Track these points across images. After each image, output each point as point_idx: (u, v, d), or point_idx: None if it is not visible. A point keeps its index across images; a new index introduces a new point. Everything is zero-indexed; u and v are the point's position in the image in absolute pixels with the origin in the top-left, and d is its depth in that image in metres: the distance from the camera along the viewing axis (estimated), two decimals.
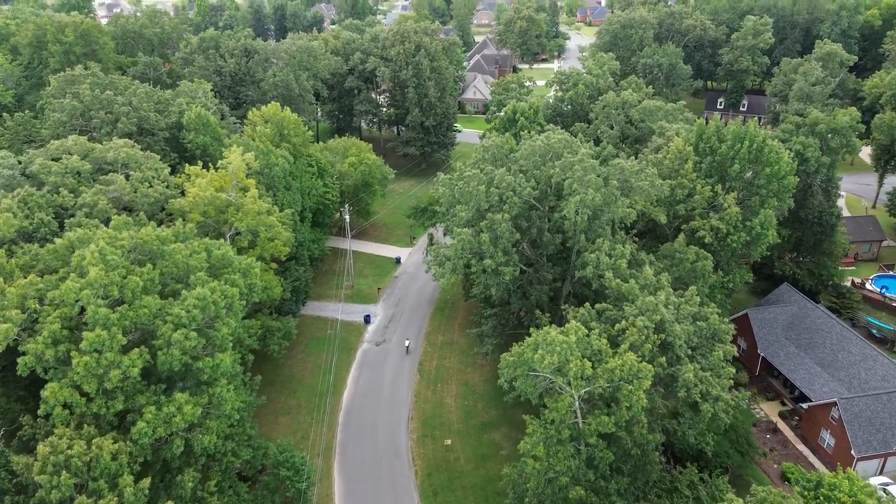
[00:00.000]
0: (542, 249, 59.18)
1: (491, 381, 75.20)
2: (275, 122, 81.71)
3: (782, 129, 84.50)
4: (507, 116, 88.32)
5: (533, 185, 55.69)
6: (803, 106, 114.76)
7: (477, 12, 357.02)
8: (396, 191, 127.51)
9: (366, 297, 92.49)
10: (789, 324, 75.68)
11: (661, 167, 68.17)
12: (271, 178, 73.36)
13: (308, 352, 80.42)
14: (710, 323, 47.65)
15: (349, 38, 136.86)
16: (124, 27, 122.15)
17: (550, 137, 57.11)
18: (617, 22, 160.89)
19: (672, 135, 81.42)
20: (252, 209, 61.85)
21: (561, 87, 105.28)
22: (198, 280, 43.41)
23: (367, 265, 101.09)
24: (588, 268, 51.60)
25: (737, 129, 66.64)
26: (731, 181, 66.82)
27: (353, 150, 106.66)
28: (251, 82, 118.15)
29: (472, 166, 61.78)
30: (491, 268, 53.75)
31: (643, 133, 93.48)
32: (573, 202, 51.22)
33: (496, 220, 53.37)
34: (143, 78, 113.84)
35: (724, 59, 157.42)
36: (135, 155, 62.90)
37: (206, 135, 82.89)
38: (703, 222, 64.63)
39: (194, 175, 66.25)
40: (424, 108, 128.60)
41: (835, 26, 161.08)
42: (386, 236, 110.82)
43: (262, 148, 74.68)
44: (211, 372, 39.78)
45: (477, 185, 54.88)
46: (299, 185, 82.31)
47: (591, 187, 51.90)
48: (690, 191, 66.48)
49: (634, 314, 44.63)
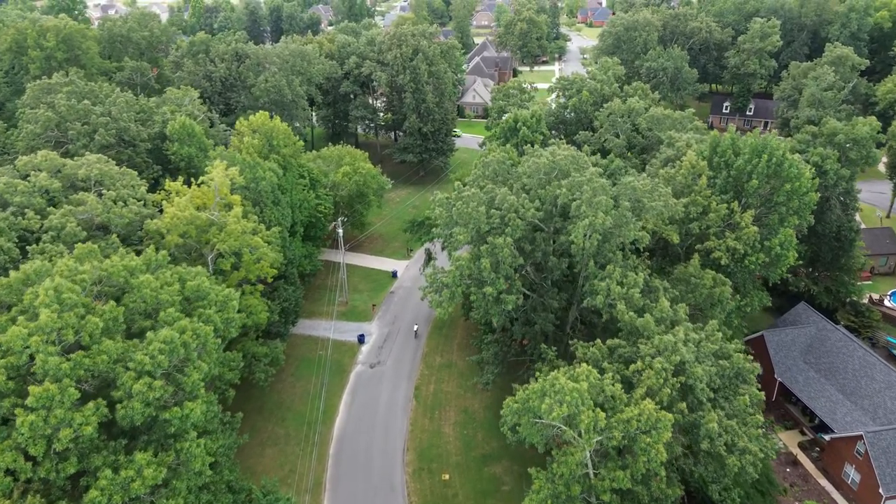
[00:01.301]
0: (546, 274, 54.93)
1: (492, 407, 70.94)
2: (263, 133, 77.35)
3: (798, 138, 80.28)
4: (509, 125, 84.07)
5: (537, 205, 51.40)
6: (815, 112, 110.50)
7: (476, 13, 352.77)
8: (393, 199, 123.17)
9: (360, 314, 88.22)
10: (808, 346, 71.44)
11: (673, 182, 63.92)
12: (258, 192, 69.09)
13: (298, 375, 76.12)
14: (733, 361, 43.34)
15: (344, 41, 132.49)
16: (111, 31, 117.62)
17: (556, 153, 52.75)
18: (620, 24, 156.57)
19: (682, 145, 77.25)
20: (235, 229, 57.58)
21: (564, 93, 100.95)
22: (168, 317, 39.14)
23: (361, 280, 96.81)
24: (598, 297, 47.35)
25: (754, 141, 62.37)
26: (748, 197, 62.56)
27: (348, 158, 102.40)
28: (242, 88, 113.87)
29: (472, 183, 57.45)
30: (492, 296, 49.49)
31: (650, 142, 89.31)
32: (581, 226, 46.96)
33: (497, 244, 49.11)
34: (130, 83, 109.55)
35: (731, 63, 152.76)
36: (109, 171, 58.53)
37: (191, 146, 78.75)
38: (718, 242, 60.38)
39: (174, 192, 62.04)
40: (422, 114, 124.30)
41: (844, 29, 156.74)
42: (382, 248, 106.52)
43: (249, 161, 70.40)
44: (179, 423, 35.45)
45: (477, 206, 50.60)
46: (289, 199, 78.05)
47: (600, 209, 47.65)
48: (705, 208, 62.26)
49: (651, 354, 40.39)
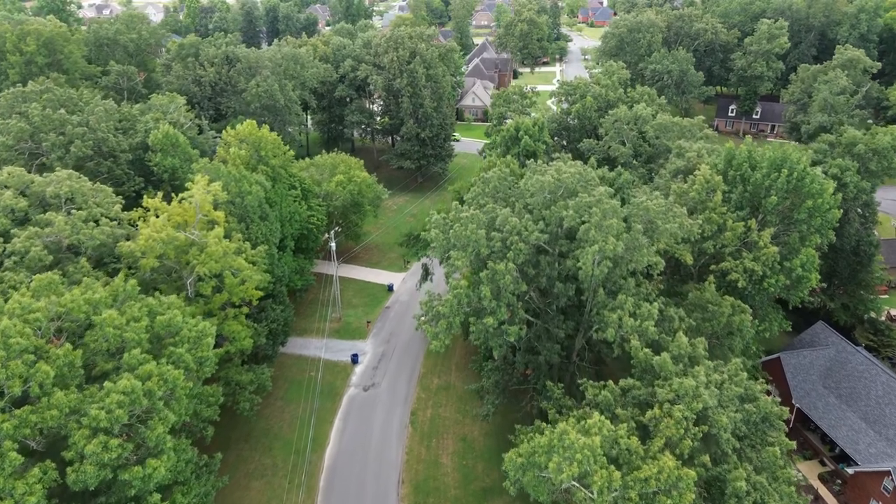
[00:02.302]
0: (551, 299, 50.87)
1: (492, 435, 66.97)
2: (251, 143, 73.26)
3: (815, 148, 76.22)
4: (510, 133, 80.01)
5: (541, 227, 47.32)
6: (827, 117, 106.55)
7: (476, 13, 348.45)
8: (390, 207, 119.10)
9: (354, 331, 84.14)
10: (827, 370, 67.44)
11: (685, 198, 59.88)
12: (244, 207, 65.06)
13: (288, 399, 72.07)
14: (759, 405, 39.36)
15: (339, 43, 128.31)
16: (97, 33, 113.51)
17: (562, 171, 48.67)
18: (623, 25, 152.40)
19: (693, 156, 73.23)
20: (216, 251, 53.51)
21: (567, 98, 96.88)
22: (132, 360, 35.09)
23: (356, 294, 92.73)
24: (609, 330, 43.33)
25: (773, 154, 58.33)
26: (767, 214, 58.53)
27: (342, 167, 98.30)
28: (233, 92, 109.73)
29: (472, 201, 53.37)
30: (492, 326, 45.45)
31: (658, 150, 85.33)
32: (590, 252, 42.92)
33: (499, 270, 45.06)
34: (116, 88, 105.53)
35: (737, 65, 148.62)
36: (81, 188, 54.43)
37: (174, 156, 74.69)
38: (735, 263, 56.34)
39: (153, 209, 57.97)
40: (420, 119, 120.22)
41: (853, 30, 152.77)
42: (378, 259, 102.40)
43: (235, 173, 66.32)
44: (141, 484, 31.49)
45: (476, 229, 46.54)
46: (279, 212, 74.01)
47: (611, 234, 43.61)
48: (720, 226, 58.25)
49: (670, 399, 36.42)
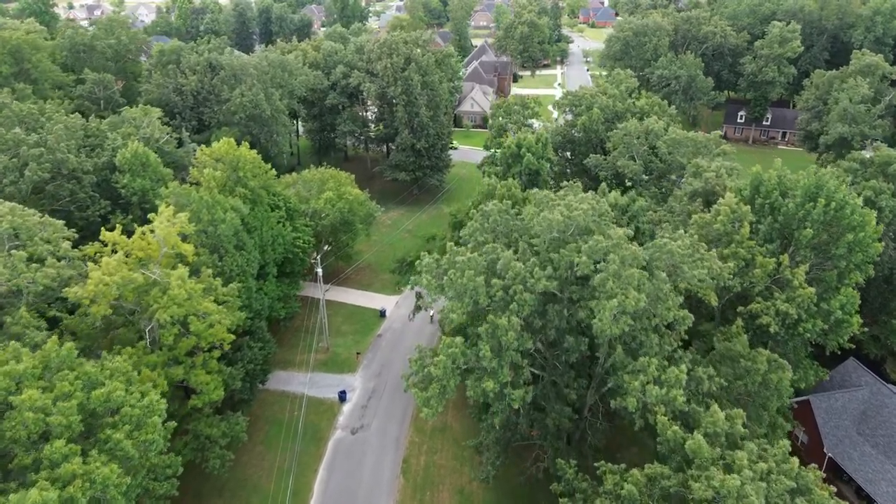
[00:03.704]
0: (559, 351, 44.53)
1: (493, 488, 60.52)
2: (228, 162, 66.88)
3: (844, 167, 69.89)
4: (511, 150, 73.66)
5: (549, 272, 40.95)
6: (848, 129, 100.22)
7: (475, 13, 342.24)
8: (384, 223, 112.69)
9: (342, 363, 77.74)
10: (862, 414, 61.06)
11: (708, 230, 53.53)
12: (217, 237, 58.69)
13: (268, 443, 65.69)
14: (813, 499, 32.96)
15: (331, 49, 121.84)
16: (73, 39, 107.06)
17: (572, 206, 42.31)
18: (629, 28, 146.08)
19: (711, 176, 66.92)
20: (179, 294, 47.15)
21: (572, 109, 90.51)
22: (54, 454, 28.74)
23: (345, 320, 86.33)
24: (629, 399, 37.02)
25: (807, 181, 51.94)
26: (801, 249, 52.17)
27: (331, 182, 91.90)
28: (216, 102, 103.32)
29: (469, 237, 46.97)
30: (494, 391, 39.10)
31: (670, 166, 79.01)
32: (608, 308, 36.55)
33: (500, 325, 38.73)
34: (91, 98, 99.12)
35: (747, 70, 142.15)
36: (26, 222, 48.07)
37: (144, 177, 68.35)
38: (765, 305, 50.01)
39: (111, 243, 51.63)
40: (415, 129, 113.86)
41: (868, 33, 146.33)
42: (370, 281, 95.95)
43: (208, 199, 59.94)
44: None
45: (474, 276, 40.17)
46: (259, 238, 67.64)
47: (631, 285, 37.25)
48: (748, 262, 51.94)
49: (708, 499, 30.18)
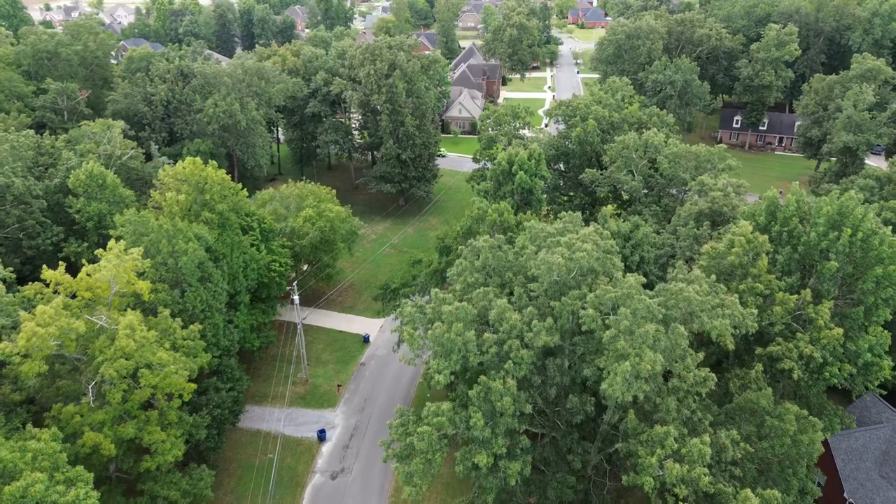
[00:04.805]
0: (561, 409, 39.25)
1: None
2: (194, 184, 61.02)
3: (860, 184, 65.24)
4: (502, 168, 68.36)
5: (550, 323, 35.62)
6: (853, 137, 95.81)
7: (463, 14, 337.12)
8: (369, 237, 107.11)
9: (321, 397, 72.12)
10: (884, 454, 56.25)
11: (719, 261, 48.48)
12: (178, 270, 52.94)
13: (239, 492, 59.94)
14: None
15: (311, 54, 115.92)
16: (35, 46, 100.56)
17: (574, 247, 36.98)
18: (621, 31, 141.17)
19: (718, 195, 62.05)
20: (127, 346, 41.41)
21: (566, 120, 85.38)
22: None
23: (326, 347, 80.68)
24: (644, 478, 31.78)
25: (830, 208, 46.94)
26: (823, 283, 47.22)
27: (311, 199, 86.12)
28: (188, 112, 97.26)
29: (457, 278, 41.53)
30: (487, 465, 33.71)
31: (672, 181, 74.12)
32: (621, 372, 31.27)
33: (495, 389, 33.37)
34: (54, 109, 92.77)
35: (743, 74, 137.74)
36: None
37: (101, 200, 62.41)
38: (787, 347, 45.02)
39: (52, 283, 45.82)
40: (400, 139, 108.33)
41: (866, 35, 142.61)
42: (352, 303, 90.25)
43: (168, 228, 54.11)
44: None
45: (462, 329, 34.76)
46: (227, 267, 61.86)
47: (646, 344, 31.99)
48: (766, 297, 46.94)
49: None
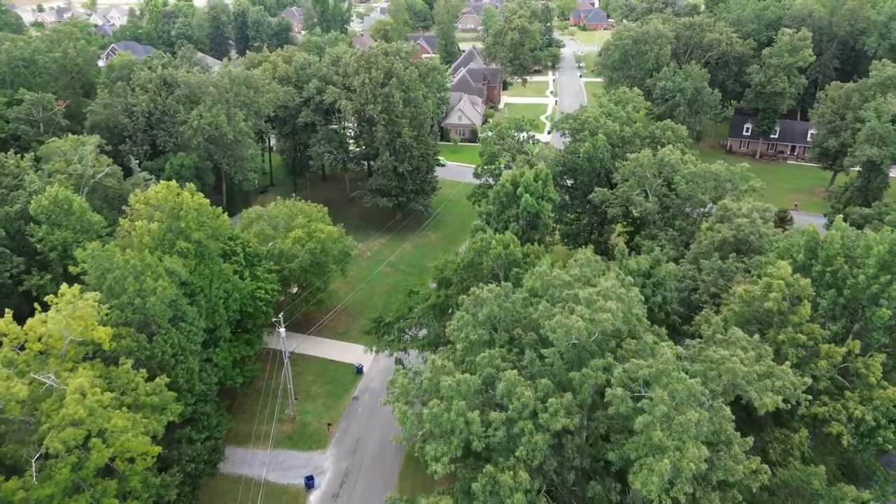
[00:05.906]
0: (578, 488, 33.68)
1: None
2: (168, 211, 55.38)
3: None
4: (506, 190, 62.83)
5: (568, 400, 30.03)
6: (877, 151, 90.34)
7: (462, 15, 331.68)
8: (364, 254, 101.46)
9: (310, 437, 66.51)
10: None
11: (751, 306, 42.91)
12: (145, 312, 47.36)
13: None
14: None
15: (304, 61, 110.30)
16: (10, 53, 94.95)
17: (595, 304, 31.37)
18: (628, 36, 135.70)
19: (744, 223, 56.47)
20: (76, 412, 35.82)
21: (574, 134, 79.87)
22: None
23: (316, 378, 75.07)
24: None
25: (881, 248, 41.37)
26: (874, 332, 41.67)
27: (301, 218, 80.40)
28: (172, 124, 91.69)
29: (457, 333, 35.92)
30: None
31: (689, 200, 68.58)
32: (658, 471, 25.69)
33: (503, 483, 27.78)
34: (28, 121, 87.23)
35: (754, 80, 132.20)
36: None
37: (66, 227, 56.79)
38: (834, 407, 39.51)
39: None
40: (397, 151, 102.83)
41: (882, 40, 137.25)
42: (345, 328, 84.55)
43: (135, 264, 48.53)
44: None
45: (464, 407, 29.17)
46: (204, 302, 56.26)
47: (687, 434, 26.41)
48: (808, 348, 41.40)
49: None
